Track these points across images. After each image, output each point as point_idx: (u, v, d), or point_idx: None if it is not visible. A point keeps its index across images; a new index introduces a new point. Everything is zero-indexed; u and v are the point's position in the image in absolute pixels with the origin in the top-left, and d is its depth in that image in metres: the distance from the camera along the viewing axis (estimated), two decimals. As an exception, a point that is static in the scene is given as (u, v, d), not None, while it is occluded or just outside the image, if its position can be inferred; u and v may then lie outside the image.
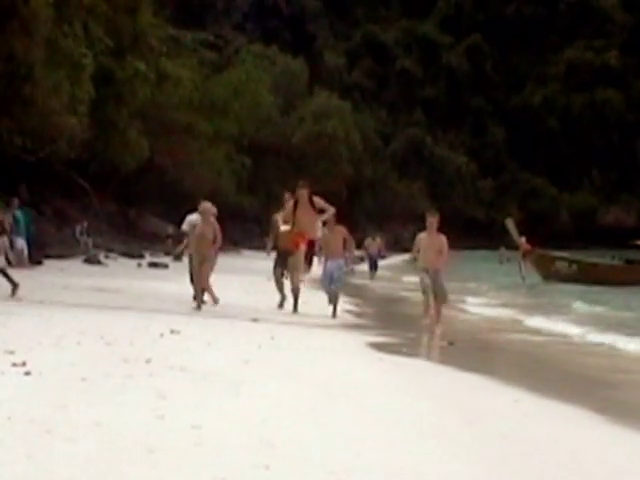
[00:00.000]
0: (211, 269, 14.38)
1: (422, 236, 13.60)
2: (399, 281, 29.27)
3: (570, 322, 16.07)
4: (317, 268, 15.91)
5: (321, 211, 13.83)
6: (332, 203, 13.98)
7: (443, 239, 13.45)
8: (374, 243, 32.33)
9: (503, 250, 45.80)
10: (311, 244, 14.01)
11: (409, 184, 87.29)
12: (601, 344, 12.72)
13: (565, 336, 13.89)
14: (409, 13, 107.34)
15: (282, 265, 14.40)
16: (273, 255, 15.13)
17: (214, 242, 14.24)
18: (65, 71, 24.00)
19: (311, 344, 9.37)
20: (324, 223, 14.12)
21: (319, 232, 13.87)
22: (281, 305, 14.63)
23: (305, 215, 13.42)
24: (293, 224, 13.62)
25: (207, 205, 14.65)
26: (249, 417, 5.28)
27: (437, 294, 13.30)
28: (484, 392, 7.76)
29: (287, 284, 14.27)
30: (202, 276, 13.93)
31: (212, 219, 14.45)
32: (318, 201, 13.54)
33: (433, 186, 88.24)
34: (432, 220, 13.44)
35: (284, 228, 13.63)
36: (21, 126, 23.47)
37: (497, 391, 7.88)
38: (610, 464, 5.33)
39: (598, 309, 18.90)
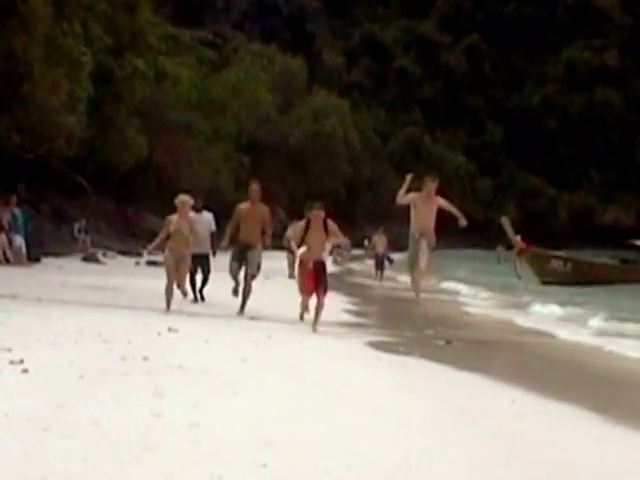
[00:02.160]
0: (187, 269, 13.53)
1: (419, 197, 12.84)
2: (396, 280, 29.23)
3: (564, 323, 16.08)
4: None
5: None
6: (331, 202, 13.51)
7: (441, 199, 12.82)
8: (381, 241, 30.56)
9: (501, 249, 45.70)
10: (320, 266, 12.52)
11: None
12: (595, 345, 12.72)
13: (558, 336, 13.87)
14: (408, 12, 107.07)
15: (239, 259, 13.50)
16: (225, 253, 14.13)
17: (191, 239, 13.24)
18: (64, 69, 24.01)
19: (309, 343, 9.38)
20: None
21: (327, 255, 12.99)
22: (235, 292, 13.61)
23: (317, 239, 12.37)
24: (306, 247, 12.52)
25: (184, 198, 13.57)
26: (246, 415, 5.28)
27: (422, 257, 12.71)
28: (481, 391, 7.76)
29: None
30: (179, 277, 13.07)
31: (190, 213, 13.55)
32: (332, 225, 12.51)
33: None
34: (432, 186, 12.75)
35: (301, 252, 12.65)
36: (20, 124, 23.48)
37: (495, 390, 7.88)
38: (608, 464, 5.33)
39: (583, 311, 18.73)
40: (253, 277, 13.53)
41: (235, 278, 13.54)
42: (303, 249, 12.51)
